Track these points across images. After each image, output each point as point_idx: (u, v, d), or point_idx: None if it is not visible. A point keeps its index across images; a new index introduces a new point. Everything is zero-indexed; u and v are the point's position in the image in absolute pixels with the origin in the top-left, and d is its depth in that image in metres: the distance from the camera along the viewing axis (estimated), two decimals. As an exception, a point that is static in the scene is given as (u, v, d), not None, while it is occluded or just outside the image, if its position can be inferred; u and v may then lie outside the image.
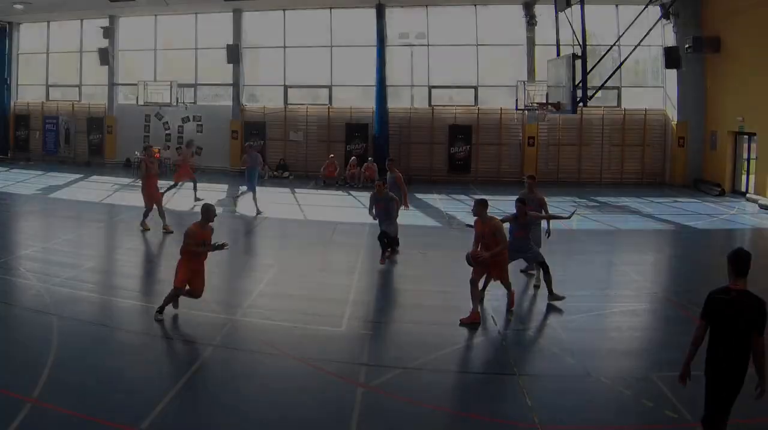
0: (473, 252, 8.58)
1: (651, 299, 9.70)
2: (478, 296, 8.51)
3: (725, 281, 4.89)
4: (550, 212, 10.50)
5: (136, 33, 27.37)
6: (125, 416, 5.72)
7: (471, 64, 24.73)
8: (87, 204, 17.64)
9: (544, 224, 10.53)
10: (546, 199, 10.61)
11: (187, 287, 8.21)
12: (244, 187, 17.22)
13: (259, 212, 16.21)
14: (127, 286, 9.98)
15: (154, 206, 13.83)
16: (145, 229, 13.70)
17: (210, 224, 8.32)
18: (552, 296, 9.24)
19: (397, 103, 25.10)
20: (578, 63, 15.83)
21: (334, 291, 10.30)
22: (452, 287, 10.54)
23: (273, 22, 25.81)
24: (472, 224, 9.14)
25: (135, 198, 18.73)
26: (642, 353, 7.68)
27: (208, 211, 8.26)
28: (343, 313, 8.84)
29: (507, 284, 8.84)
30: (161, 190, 14.66)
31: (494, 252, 8.35)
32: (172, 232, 13.50)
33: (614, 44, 18.27)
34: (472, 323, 8.27)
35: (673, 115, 23.81)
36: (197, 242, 8.10)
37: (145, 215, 13.84)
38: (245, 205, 16.78)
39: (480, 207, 8.59)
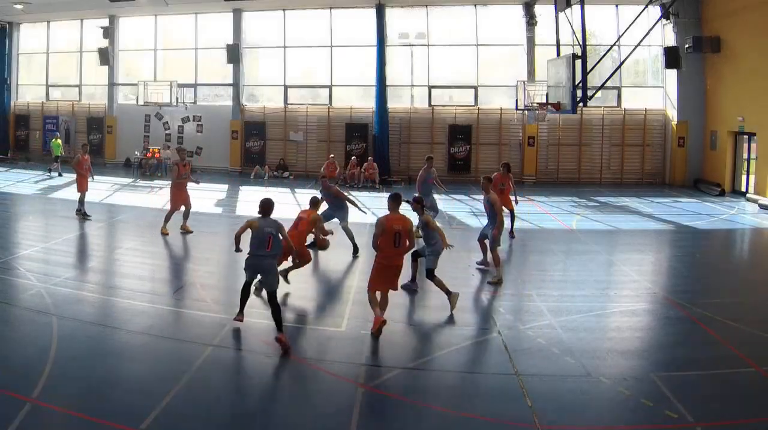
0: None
1: (651, 299, 9.69)
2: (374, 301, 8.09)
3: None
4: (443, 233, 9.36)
5: (136, 33, 27.41)
6: (125, 416, 5.73)
7: (471, 64, 24.74)
8: (87, 204, 17.59)
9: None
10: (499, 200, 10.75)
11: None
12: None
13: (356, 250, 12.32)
14: (127, 286, 9.97)
15: (174, 209, 13.63)
16: (165, 233, 13.37)
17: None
18: (449, 296, 8.96)
19: (397, 103, 25.11)
20: (578, 63, 15.81)
21: (334, 291, 10.31)
22: (452, 287, 10.54)
23: (273, 22, 25.83)
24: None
25: (135, 198, 18.82)
26: (642, 353, 7.67)
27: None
28: (343, 313, 8.84)
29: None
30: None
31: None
32: (191, 232, 13.62)
33: (614, 44, 18.27)
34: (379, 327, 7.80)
35: (673, 115, 23.81)
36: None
37: (167, 219, 13.54)
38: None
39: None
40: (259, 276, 7.93)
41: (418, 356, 7.43)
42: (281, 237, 7.71)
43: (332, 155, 23.60)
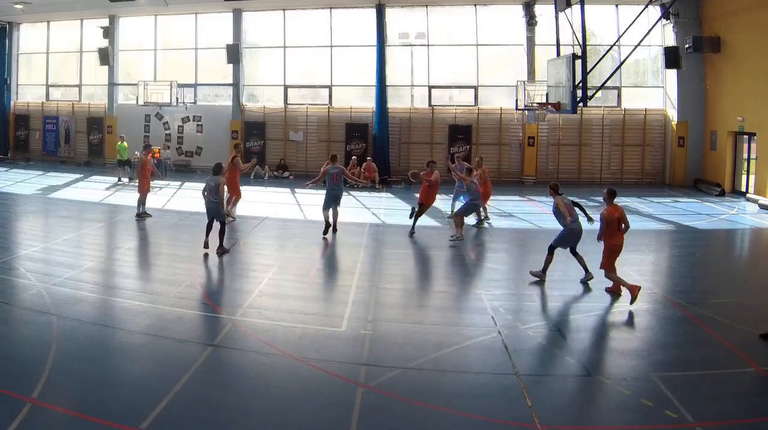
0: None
1: (651, 299, 9.69)
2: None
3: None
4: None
5: (136, 33, 27.39)
6: (125, 416, 5.73)
7: (471, 64, 24.73)
8: (87, 204, 17.63)
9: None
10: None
11: None
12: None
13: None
14: (127, 286, 9.98)
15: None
16: (232, 218, 14.64)
17: None
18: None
19: (397, 103, 25.10)
20: (578, 63, 15.83)
21: (334, 291, 10.32)
22: (452, 286, 10.55)
23: (273, 22, 25.83)
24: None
25: (135, 198, 18.77)
26: (642, 353, 7.66)
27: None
28: (343, 313, 8.84)
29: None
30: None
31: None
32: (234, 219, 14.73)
33: (614, 44, 18.29)
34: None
35: (673, 115, 23.81)
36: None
37: (233, 204, 14.92)
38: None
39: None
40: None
41: (418, 356, 7.43)
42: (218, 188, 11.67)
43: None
